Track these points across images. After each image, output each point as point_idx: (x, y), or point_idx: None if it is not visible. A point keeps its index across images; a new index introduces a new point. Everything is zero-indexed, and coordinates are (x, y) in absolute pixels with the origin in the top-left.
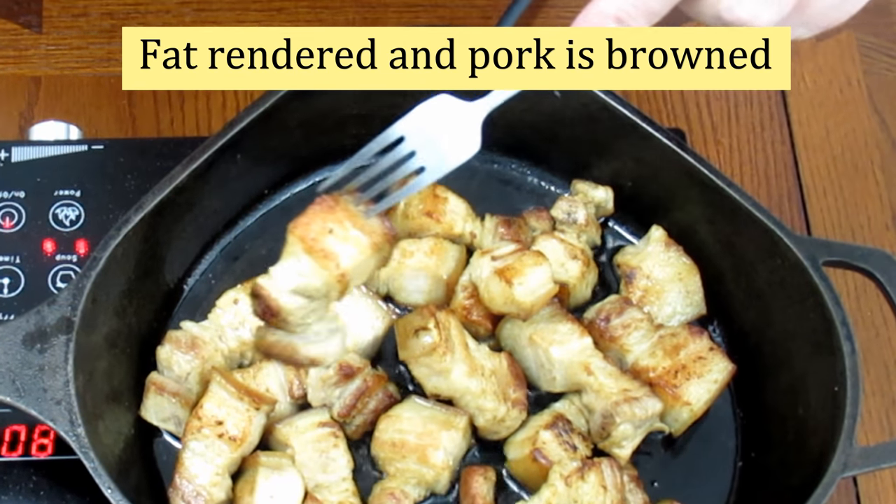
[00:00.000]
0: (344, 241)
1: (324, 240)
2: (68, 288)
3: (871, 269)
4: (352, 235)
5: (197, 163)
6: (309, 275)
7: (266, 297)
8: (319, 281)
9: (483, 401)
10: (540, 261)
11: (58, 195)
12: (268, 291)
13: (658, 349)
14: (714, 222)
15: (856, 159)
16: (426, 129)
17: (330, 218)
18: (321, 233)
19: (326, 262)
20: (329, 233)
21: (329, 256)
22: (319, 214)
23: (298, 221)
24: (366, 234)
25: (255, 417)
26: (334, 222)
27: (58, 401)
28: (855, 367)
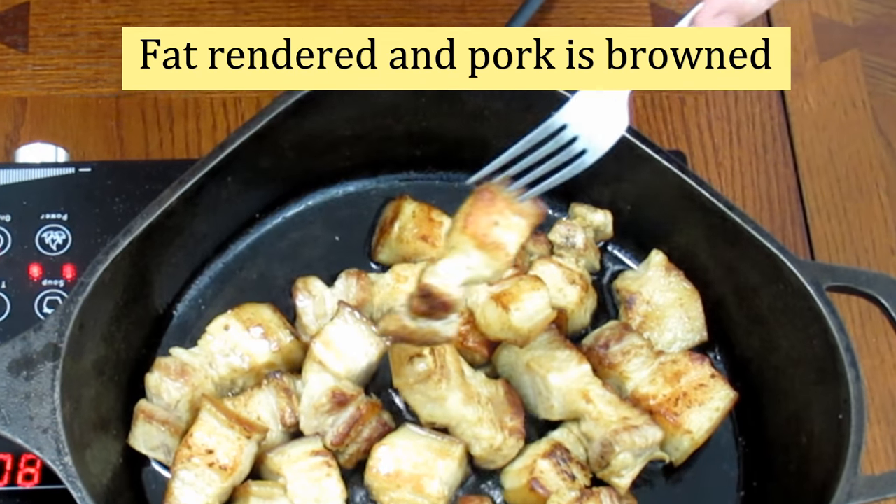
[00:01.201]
0: (508, 229)
1: (492, 232)
2: (55, 314)
3: (876, 295)
4: (513, 222)
5: (187, 186)
6: (479, 267)
7: (440, 295)
8: (490, 271)
9: (479, 429)
10: (537, 286)
11: (44, 219)
12: (440, 289)
13: (658, 376)
14: (715, 246)
15: (860, 182)
16: (585, 114)
17: (493, 210)
18: (488, 226)
19: (497, 252)
20: (495, 224)
21: (499, 247)
22: (483, 208)
23: (466, 220)
24: (524, 218)
25: (247, 446)
26: (497, 213)
27: (44, 429)
28: (859, 394)
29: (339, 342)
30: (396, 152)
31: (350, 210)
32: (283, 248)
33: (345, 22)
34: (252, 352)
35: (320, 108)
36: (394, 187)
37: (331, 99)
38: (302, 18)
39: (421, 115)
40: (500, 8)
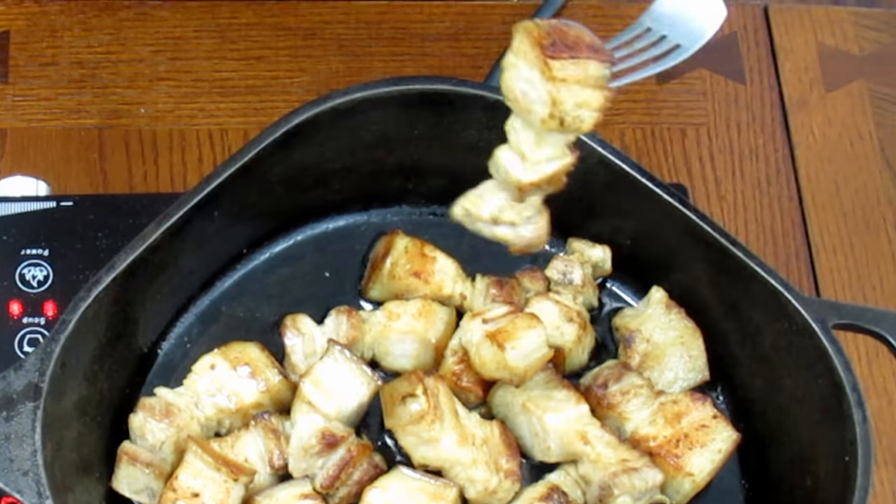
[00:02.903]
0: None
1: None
2: (36, 352)
3: (884, 333)
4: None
5: (172, 220)
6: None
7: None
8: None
9: (474, 471)
10: (534, 324)
11: (25, 254)
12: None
13: (659, 417)
14: (718, 283)
15: (867, 216)
16: (670, 13)
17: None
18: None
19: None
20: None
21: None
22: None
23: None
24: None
25: (234, 489)
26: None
27: (25, 471)
28: (866, 435)
29: (328, 382)
30: (388, 186)
31: (340, 245)
32: (272, 284)
33: (335, 51)
34: (239, 392)
35: (309, 140)
36: (386, 222)
37: (320, 131)
38: (291, 48)
39: (413, 148)
40: (494, 36)
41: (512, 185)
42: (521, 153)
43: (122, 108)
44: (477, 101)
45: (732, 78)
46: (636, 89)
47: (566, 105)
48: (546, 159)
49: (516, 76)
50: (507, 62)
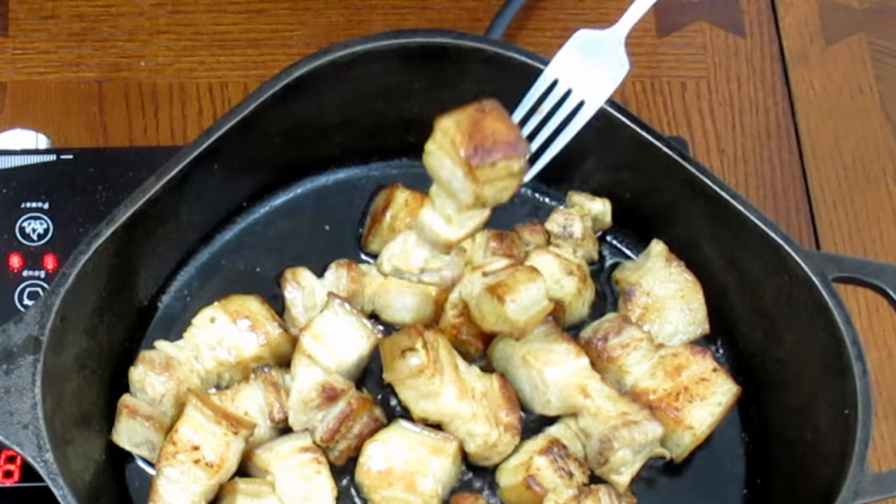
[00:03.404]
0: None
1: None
2: (36, 306)
3: (884, 286)
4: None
5: (171, 173)
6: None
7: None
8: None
9: (474, 425)
10: (534, 277)
11: (25, 207)
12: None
13: (659, 370)
14: (718, 236)
15: (867, 170)
16: (575, 65)
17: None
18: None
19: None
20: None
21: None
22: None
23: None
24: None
25: (234, 442)
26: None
27: (25, 425)
28: (866, 388)
29: (328, 335)
30: (388, 139)
31: (340, 198)
32: (272, 237)
33: (335, 4)
34: (239, 345)
35: (309, 94)
36: (386, 175)
37: (320, 84)
38: (290, 1)
39: (413, 101)
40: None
41: (439, 243)
42: (446, 216)
43: (122, 62)
44: (476, 54)
45: (732, 31)
46: (636, 42)
47: (487, 195)
48: (469, 219)
49: (440, 165)
50: (431, 149)
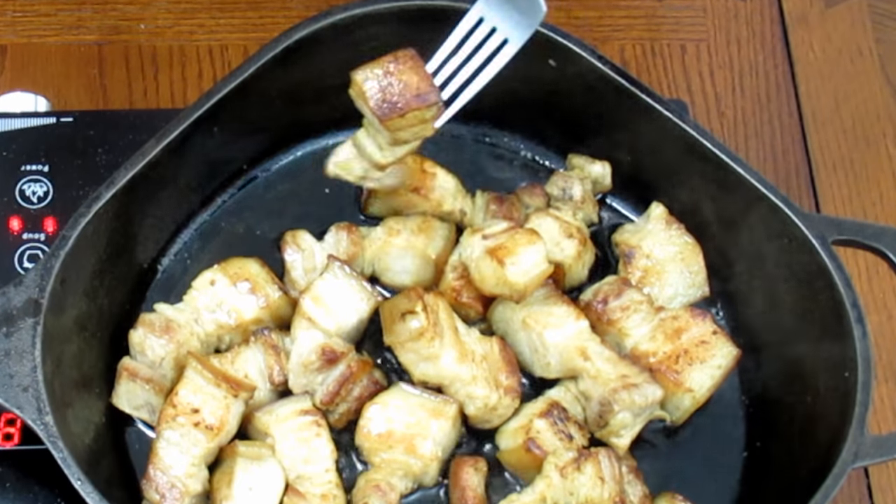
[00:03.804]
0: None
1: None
2: (36, 268)
3: (884, 249)
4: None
5: (171, 136)
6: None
7: None
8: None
9: (474, 388)
10: (534, 240)
11: (25, 170)
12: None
13: (658, 333)
14: (718, 199)
15: (867, 132)
16: (499, 5)
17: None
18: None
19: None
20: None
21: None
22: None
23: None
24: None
25: (233, 405)
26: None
27: (25, 387)
28: (866, 351)
29: (328, 298)
30: None
31: None
32: (272, 200)
33: None
34: (239, 308)
35: (309, 56)
36: None
37: (320, 46)
38: None
39: None
40: None
41: (374, 164)
42: (378, 143)
43: (122, 24)
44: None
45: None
46: (636, 5)
47: (405, 137)
48: (400, 148)
49: (361, 110)
50: (352, 96)
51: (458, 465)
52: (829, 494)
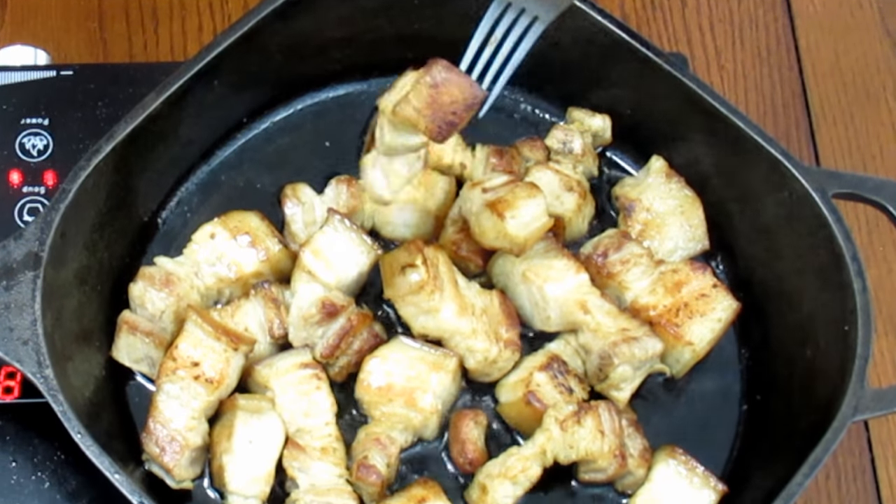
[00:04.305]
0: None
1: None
2: (36, 221)
3: (884, 202)
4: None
5: (171, 89)
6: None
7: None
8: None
9: (474, 341)
10: (534, 193)
11: (24, 124)
12: None
13: (658, 286)
14: (717, 152)
15: (867, 86)
16: None
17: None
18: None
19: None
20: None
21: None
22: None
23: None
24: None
25: (233, 358)
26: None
27: (25, 341)
28: (866, 304)
29: (328, 251)
30: (388, 55)
31: (340, 115)
32: (272, 153)
33: None
34: (239, 261)
35: (309, 9)
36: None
37: (320, 0)
38: None
39: (413, 17)
40: None
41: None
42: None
43: None
44: None
45: None
46: None
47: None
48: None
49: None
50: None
51: (458, 419)
52: (829, 448)
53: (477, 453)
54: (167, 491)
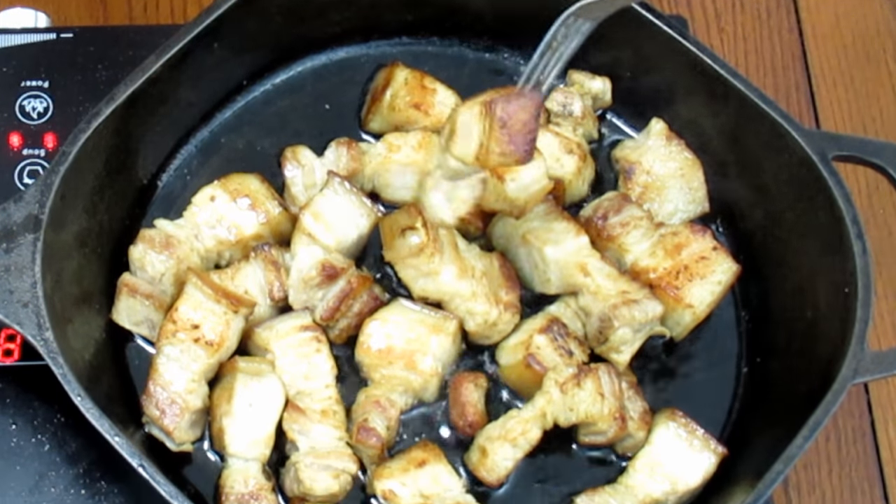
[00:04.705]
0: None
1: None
2: (36, 184)
3: (884, 165)
4: None
5: (172, 52)
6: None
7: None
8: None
9: (474, 304)
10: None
11: (25, 86)
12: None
13: (658, 249)
14: (718, 115)
15: (868, 48)
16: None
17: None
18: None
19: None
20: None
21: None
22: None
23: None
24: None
25: (233, 321)
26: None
27: (25, 303)
28: (866, 267)
29: (328, 213)
30: (388, 17)
31: (340, 77)
32: (271, 116)
33: None
34: (239, 223)
35: None
36: (385, 54)
37: None
38: None
39: None
40: None
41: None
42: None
43: None
44: None
45: None
46: None
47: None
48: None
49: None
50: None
51: (458, 381)
52: (829, 410)
53: (477, 416)
54: (167, 454)
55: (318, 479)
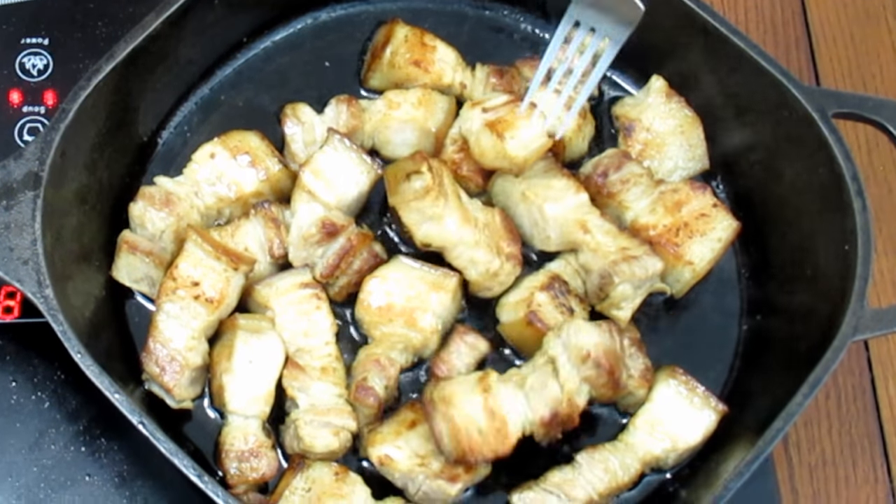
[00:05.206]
0: None
1: None
2: (36, 141)
3: (884, 122)
4: None
5: (172, 9)
6: None
7: None
8: None
9: (476, 252)
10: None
11: (24, 43)
12: None
13: (658, 206)
14: (717, 72)
15: (867, 5)
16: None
17: None
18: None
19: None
20: None
21: None
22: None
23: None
24: None
25: (233, 278)
26: None
27: (25, 260)
28: (866, 224)
29: (328, 171)
30: None
31: (340, 34)
32: (271, 73)
33: None
34: (239, 180)
35: None
36: (385, 10)
37: None
38: None
39: None
40: None
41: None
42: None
43: None
44: None
45: None
46: None
47: None
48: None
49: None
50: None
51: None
52: (829, 367)
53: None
54: (167, 410)
55: (318, 437)
